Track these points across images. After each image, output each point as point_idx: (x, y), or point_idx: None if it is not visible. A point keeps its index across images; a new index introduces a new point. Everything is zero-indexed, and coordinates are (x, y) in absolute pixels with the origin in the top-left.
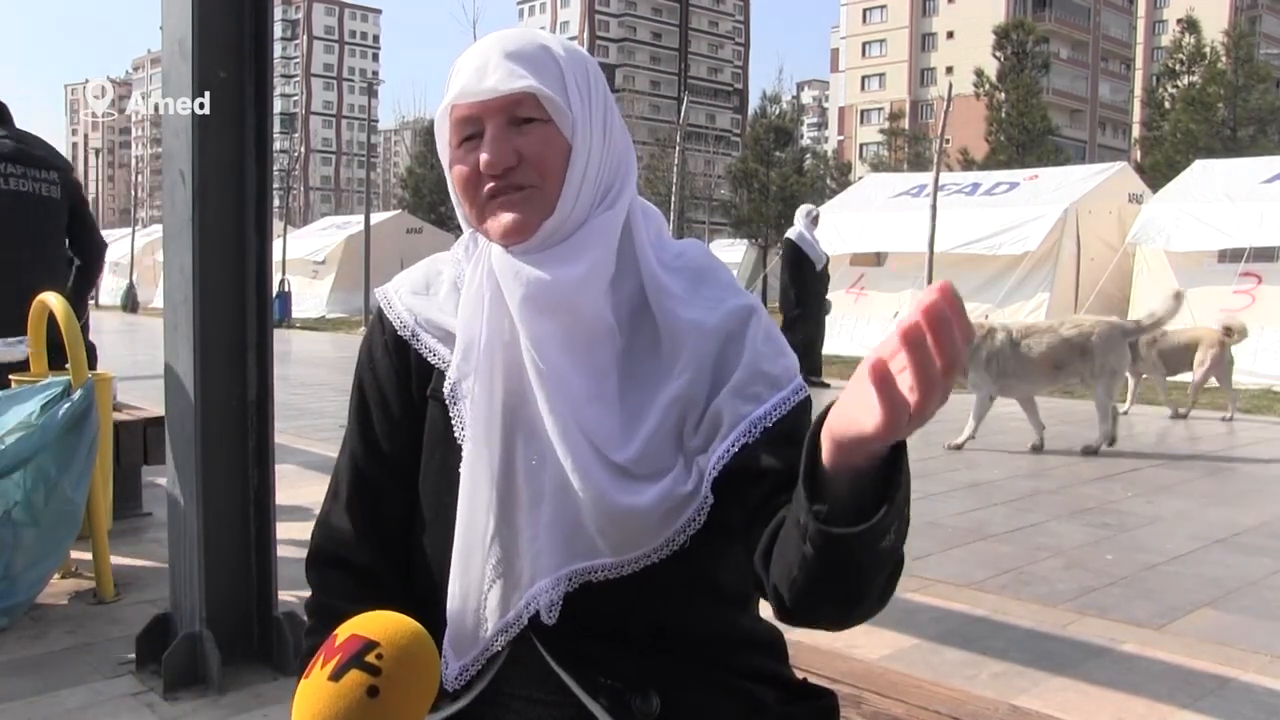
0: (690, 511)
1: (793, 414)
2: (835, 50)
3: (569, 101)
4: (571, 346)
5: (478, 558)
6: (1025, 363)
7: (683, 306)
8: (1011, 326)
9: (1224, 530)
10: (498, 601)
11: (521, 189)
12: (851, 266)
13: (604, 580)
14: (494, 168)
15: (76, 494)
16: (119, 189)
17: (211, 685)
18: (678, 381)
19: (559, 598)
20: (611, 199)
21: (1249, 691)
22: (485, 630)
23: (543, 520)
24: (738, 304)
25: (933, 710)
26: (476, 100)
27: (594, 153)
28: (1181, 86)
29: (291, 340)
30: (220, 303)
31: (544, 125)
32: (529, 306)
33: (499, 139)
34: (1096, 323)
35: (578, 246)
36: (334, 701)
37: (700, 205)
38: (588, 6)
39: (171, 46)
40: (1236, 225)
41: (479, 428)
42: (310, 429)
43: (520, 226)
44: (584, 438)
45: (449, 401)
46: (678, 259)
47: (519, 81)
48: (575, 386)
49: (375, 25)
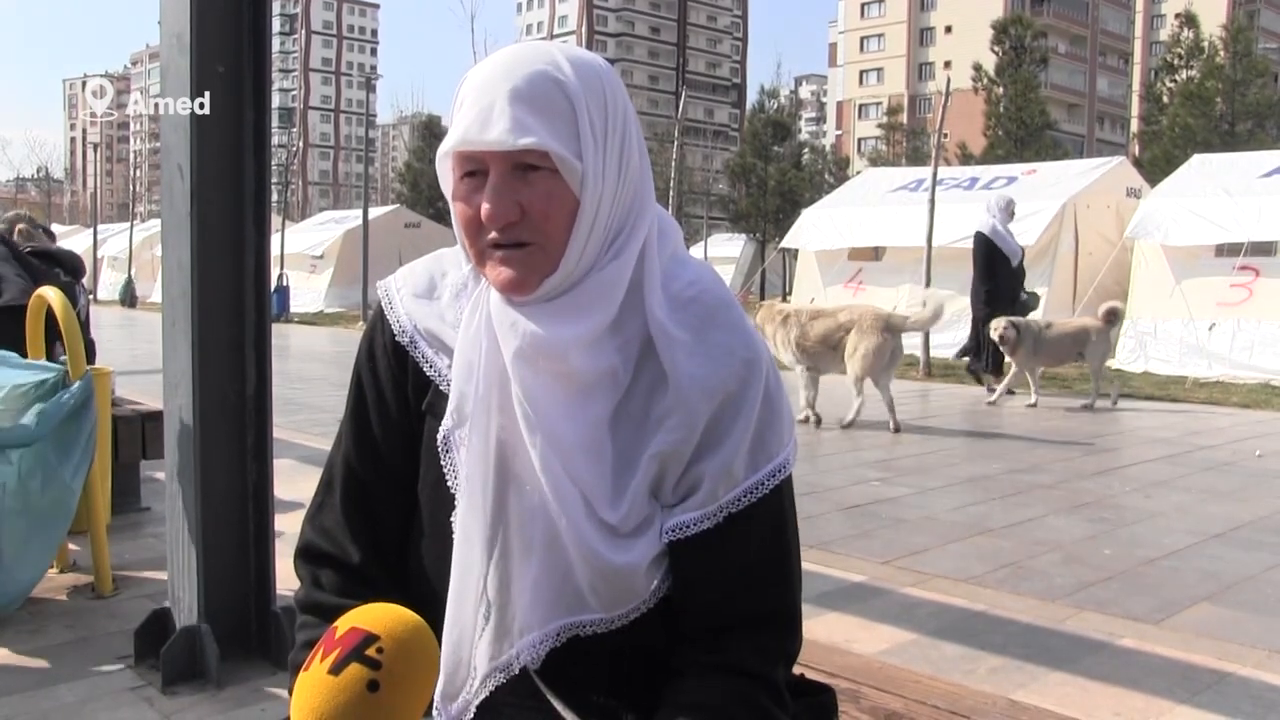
0: (668, 566)
1: (765, 500)
2: (833, 45)
3: (580, 149)
4: (565, 398)
5: (470, 605)
6: (807, 341)
7: (686, 356)
8: (804, 310)
9: (1222, 525)
10: (488, 648)
11: (523, 245)
12: (850, 261)
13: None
14: (495, 221)
15: (74, 483)
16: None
17: (210, 680)
18: (668, 437)
19: (543, 654)
20: (620, 246)
21: (1247, 686)
22: (474, 680)
23: (532, 572)
24: (743, 358)
25: (931, 705)
26: (477, 151)
27: (604, 201)
28: (1179, 81)
29: (289, 335)
30: (218, 297)
31: (550, 175)
32: (522, 360)
33: (501, 190)
34: (864, 311)
35: (579, 304)
36: (334, 696)
37: (698, 200)
38: (586, 2)
39: (170, 42)
40: (1234, 220)
41: (475, 480)
42: (308, 424)
43: (518, 284)
44: (576, 491)
45: (441, 450)
46: (690, 288)
47: (525, 137)
48: (568, 438)
49: (373, 20)
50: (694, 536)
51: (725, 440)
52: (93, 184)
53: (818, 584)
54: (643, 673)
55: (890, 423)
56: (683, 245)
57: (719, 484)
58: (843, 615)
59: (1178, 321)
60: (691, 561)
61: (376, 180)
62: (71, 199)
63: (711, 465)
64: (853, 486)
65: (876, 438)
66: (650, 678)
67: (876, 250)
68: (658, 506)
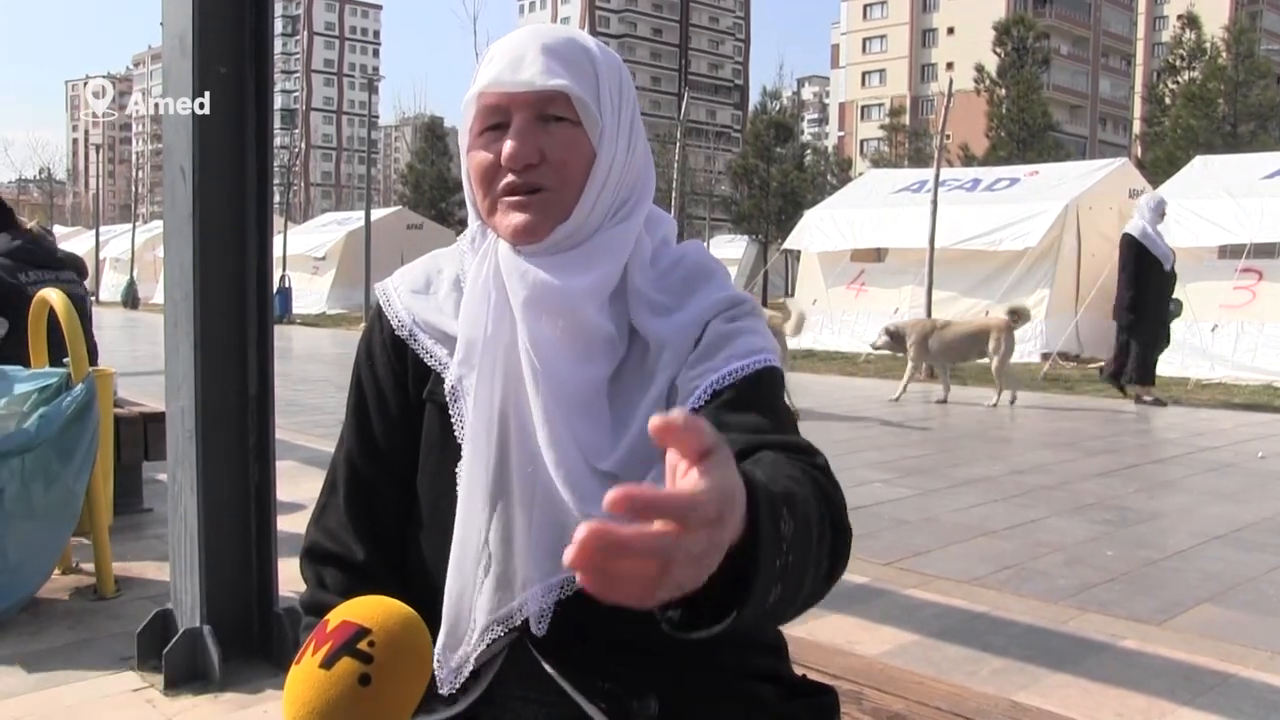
0: None
1: (747, 380)
2: (836, 46)
3: (600, 108)
4: (571, 353)
5: (472, 556)
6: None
7: (663, 319)
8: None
9: (1225, 526)
10: (489, 600)
11: (538, 191)
12: (852, 262)
13: None
14: (516, 161)
15: (77, 485)
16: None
17: (212, 681)
18: (658, 381)
19: (549, 606)
20: (627, 211)
21: (1249, 687)
22: (474, 632)
23: (535, 523)
24: (723, 295)
25: (933, 706)
26: (507, 91)
27: (616, 162)
28: (1182, 82)
29: (292, 336)
30: (221, 299)
31: (572, 127)
32: (531, 308)
33: (525, 133)
34: (772, 316)
35: (588, 256)
36: (325, 690)
37: (701, 201)
38: (588, 3)
39: (172, 42)
40: (1237, 221)
41: (479, 427)
42: (311, 425)
43: (532, 229)
44: (575, 445)
45: (449, 399)
46: (675, 266)
47: (554, 79)
48: (571, 393)
49: (376, 21)
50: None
51: (699, 347)
52: (95, 185)
53: None
54: (649, 659)
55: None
56: (673, 235)
57: (697, 377)
58: (845, 616)
59: (1180, 323)
60: None
61: (379, 181)
62: (74, 200)
63: (688, 369)
64: (855, 488)
65: (878, 439)
66: (658, 663)
67: (879, 252)
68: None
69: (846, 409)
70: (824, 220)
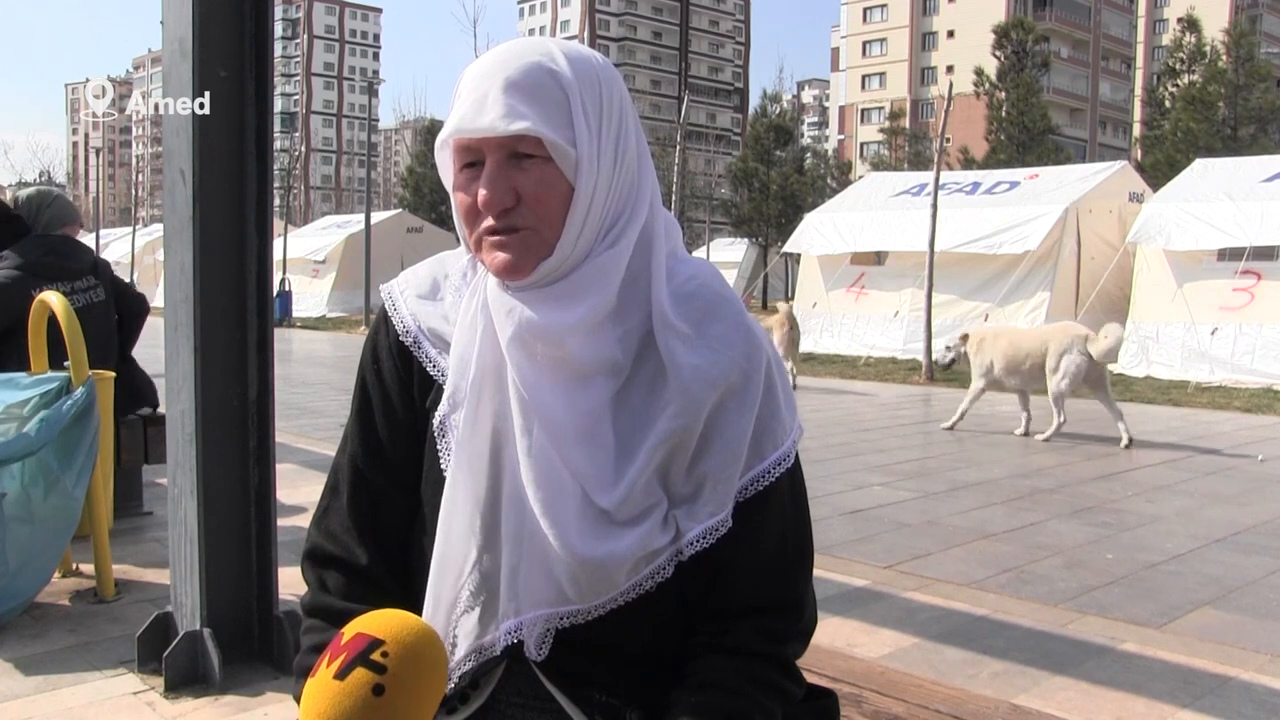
0: (660, 562)
1: (774, 488)
2: (836, 49)
3: (574, 137)
4: (562, 385)
5: (450, 583)
6: None
7: (687, 348)
8: None
9: (1224, 529)
10: (473, 626)
11: (517, 230)
12: (852, 265)
13: None
14: (491, 208)
15: (77, 489)
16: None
17: (212, 684)
18: (670, 425)
19: (550, 634)
20: (615, 235)
21: (1249, 690)
22: (455, 654)
23: (525, 558)
24: (743, 350)
25: (933, 709)
26: (474, 137)
27: (599, 189)
28: (1182, 85)
29: (292, 339)
30: (220, 302)
31: (545, 163)
32: (518, 345)
33: (496, 178)
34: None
35: (574, 290)
36: (339, 700)
37: (701, 204)
38: (588, 6)
39: (172, 46)
40: (1237, 224)
41: (462, 464)
42: (311, 428)
43: (514, 267)
44: (571, 478)
45: (437, 435)
46: (690, 282)
47: (516, 123)
48: (564, 424)
49: (376, 24)
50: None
51: (730, 431)
52: (95, 188)
53: (820, 588)
54: (645, 672)
55: None
56: (682, 244)
57: (729, 473)
58: (845, 619)
59: (1180, 326)
60: (704, 557)
61: (379, 185)
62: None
63: (719, 459)
64: (855, 491)
65: (878, 442)
66: (653, 677)
67: (879, 255)
68: (663, 497)
69: (846, 411)
70: (824, 223)
